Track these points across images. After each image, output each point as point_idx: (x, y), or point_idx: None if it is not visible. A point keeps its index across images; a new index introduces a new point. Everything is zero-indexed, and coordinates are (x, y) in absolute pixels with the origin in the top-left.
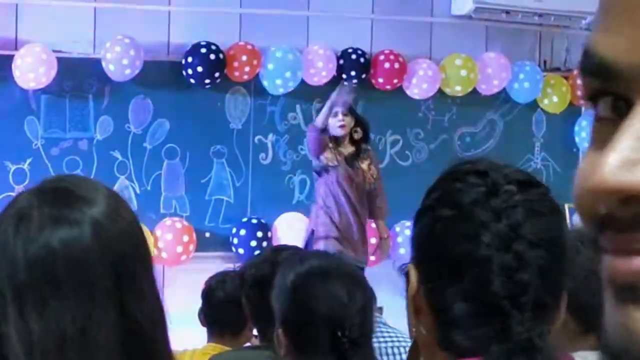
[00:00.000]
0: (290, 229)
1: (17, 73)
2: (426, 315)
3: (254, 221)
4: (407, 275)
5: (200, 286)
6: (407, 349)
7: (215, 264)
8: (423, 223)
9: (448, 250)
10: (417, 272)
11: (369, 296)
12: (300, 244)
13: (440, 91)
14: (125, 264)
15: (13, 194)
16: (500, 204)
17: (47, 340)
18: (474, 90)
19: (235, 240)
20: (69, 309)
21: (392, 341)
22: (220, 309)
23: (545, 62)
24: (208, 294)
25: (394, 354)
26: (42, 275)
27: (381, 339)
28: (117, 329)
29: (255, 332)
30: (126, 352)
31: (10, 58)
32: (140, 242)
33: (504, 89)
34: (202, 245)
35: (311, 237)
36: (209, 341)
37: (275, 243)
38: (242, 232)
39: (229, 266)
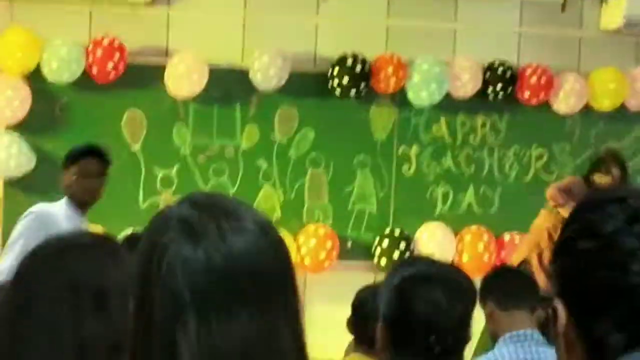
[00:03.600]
0: (431, 240)
1: (169, 82)
2: (577, 350)
3: (397, 233)
4: (553, 311)
5: (342, 294)
6: None
7: (356, 273)
8: (565, 257)
9: (596, 282)
10: (564, 307)
11: (469, 308)
12: (440, 255)
13: (587, 106)
14: (292, 273)
15: (158, 198)
16: None
17: (232, 348)
18: (622, 106)
19: (378, 251)
20: (253, 318)
21: None
22: (370, 321)
23: None
24: (358, 305)
25: None
26: (227, 284)
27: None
28: (292, 340)
29: None
30: None
31: (161, 67)
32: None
33: None
34: (344, 254)
35: None
36: (355, 351)
37: (417, 254)
38: (385, 242)
39: (370, 275)
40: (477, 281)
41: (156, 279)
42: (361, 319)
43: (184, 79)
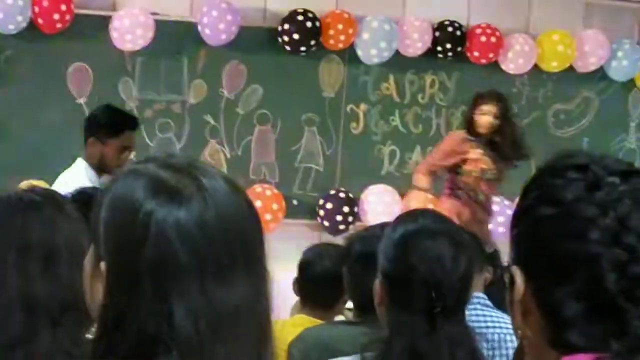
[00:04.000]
0: (378, 202)
1: (114, 34)
2: (534, 317)
3: (342, 195)
4: (510, 278)
5: (286, 254)
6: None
7: (301, 231)
8: (524, 223)
9: (554, 250)
10: (522, 274)
11: (472, 267)
12: (387, 217)
13: (535, 67)
14: (262, 235)
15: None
16: (604, 198)
17: (226, 309)
18: (571, 67)
19: (322, 212)
20: (243, 278)
21: (501, 327)
22: (317, 283)
23: None
24: (305, 266)
25: (499, 341)
26: (220, 246)
27: (490, 324)
28: (268, 301)
29: (348, 306)
30: (270, 322)
31: (107, 19)
32: None
33: (601, 66)
34: (290, 212)
35: None
36: (300, 312)
37: (362, 215)
38: (329, 204)
39: (316, 234)
40: None
41: (143, 243)
42: (307, 280)
43: (129, 32)
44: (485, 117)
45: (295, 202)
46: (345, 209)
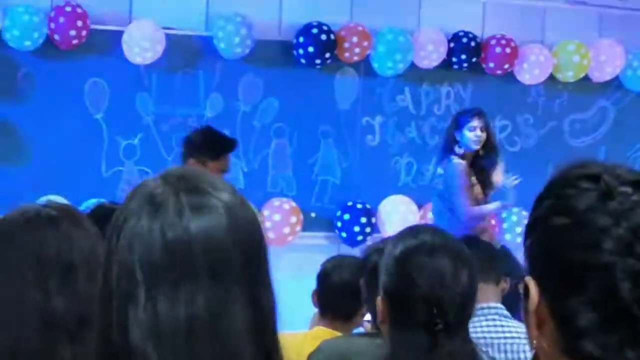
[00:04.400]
0: (394, 212)
1: (125, 47)
2: (549, 327)
3: (359, 206)
4: (524, 288)
5: (305, 266)
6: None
7: (319, 244)
8: (537, 234)
9: (567, 260)
10: (536, 284)
11: (474, 282)
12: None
13: (551, 77)
14: (254, 250)
15: (123, 169)
16: (617, 207)
17: (178, 324)
18: (586, 77)
19: (339, 224)
20: (201, 294)
21: (520, 338)
22: (335, 294)
23: None
24: (324, 277)
25: (517, 352)
26: (179, 260)
27: (507, 335)
28: (247, 317)
29: (367, 317)
30: (253, 341)
31: (122, 34)
32: (263, 231)
33: (617, 76)
34: (307, 224)
35: None
36: (319, 324)
37: (379, 226)
38: (346, 216)
39: (334, 247)
40: None
41: (115, 251)
42: (326, 291)
43: (138, 46)
44: (476, 132)
45: (313, 214)
46: (363, 219)
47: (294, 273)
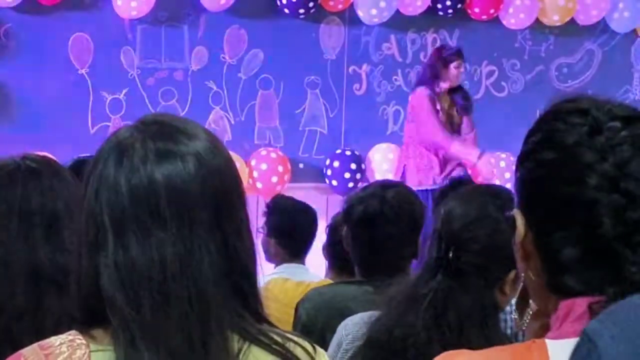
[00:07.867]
0: (384, 160)
1: (118, 2)
2: (535, 260)
3: (348, 153)
4: (512, 221)
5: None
6: None
7: (309, 195)
8: (526, 168)
9: (553, 195)
10: (523, 218)
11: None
12: (392, 175)
13: (537, 21)
14: (225, 198)
15: (109, 124)
16: (604, 143)
17: (148, 269)
18: (572, 20)
19: (329, 172)
20: (170, 240)
21: None
22: (341, 247)
23: None
24: (333, 230)
25: None
26: (144, 205)
27: None
28: (218, 262)
29: None
30: (226, 285)
31: None
32: (238, 178)
33: (603, 18)
34: (296, 176)
35: None
36: (327, 275)
37: (369, 174)
38: (336, 163)
39: (323, 198)
40: None
41: (84, 199)
42: (333, 244)
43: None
44: (460, 69)
45: (301, 165)
46: (353, 166)
47: None
